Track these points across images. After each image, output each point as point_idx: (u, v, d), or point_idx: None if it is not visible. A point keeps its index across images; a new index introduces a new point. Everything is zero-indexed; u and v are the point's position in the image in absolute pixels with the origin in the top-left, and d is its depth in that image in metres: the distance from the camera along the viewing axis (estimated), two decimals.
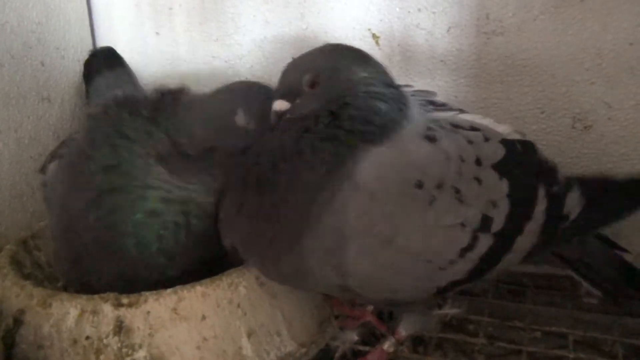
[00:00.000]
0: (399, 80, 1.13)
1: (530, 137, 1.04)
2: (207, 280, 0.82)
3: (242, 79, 1.25)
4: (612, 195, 0.86)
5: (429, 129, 0.74)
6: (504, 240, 0.75)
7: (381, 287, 0.74)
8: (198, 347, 0.79)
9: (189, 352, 0.79)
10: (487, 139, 0.77)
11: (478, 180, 0.73)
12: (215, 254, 0.83)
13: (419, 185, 0.69)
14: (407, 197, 0.69)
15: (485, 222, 0.73)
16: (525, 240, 0.78)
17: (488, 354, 0.93)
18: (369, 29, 1.14)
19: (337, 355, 0.89)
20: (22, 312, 0.80)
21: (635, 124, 1.01)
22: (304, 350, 0.86)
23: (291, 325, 0.87)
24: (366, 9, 1.13)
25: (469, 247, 0.73)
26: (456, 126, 0.76)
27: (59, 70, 1.24)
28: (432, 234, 0.70)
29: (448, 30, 1.09)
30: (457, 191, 0.71)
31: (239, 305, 0.83)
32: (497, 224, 0.74)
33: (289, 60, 1.18)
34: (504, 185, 0.75)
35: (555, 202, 0.80)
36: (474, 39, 1.07)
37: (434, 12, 1.08)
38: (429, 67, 1.11)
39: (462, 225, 0.72)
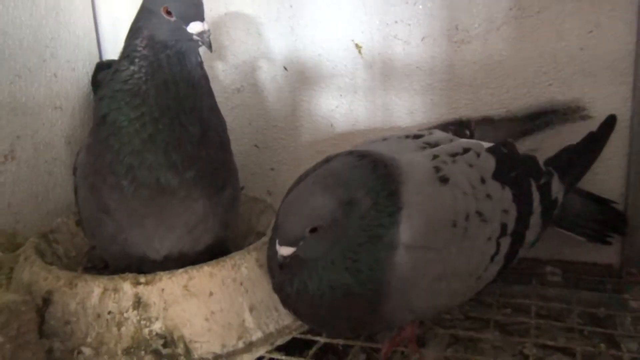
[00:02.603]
0: (380, 85, 1.22)
1: None
2: (214, 262, 0.91)
3: (238, 87, 1.33)
4: (576, 161, 0.99)
5: (437, 169, 0.82)
6: (518, 237, 0.87)
7: (440, 307, 0.87)
8: (206, 320, 0.88)
9: (198, 323, 0.87)
10: (478, 155, 0.87)
11: (489, 196, 0.83)
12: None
13: (454, 224, 0.79)
14: (447, 237, 0.79)
15: (503, 229, 0.85)
16: (532, 232, 0.90)
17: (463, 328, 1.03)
18: (353, 40, 1.22)
19: None
20: (50, 292, 0.89)
21: None
22: (299, 323, 0.94)
23: None
24: (349, 22, 1.21)
25: (496, 253, 0.84)
26: (454, 155, 0.86)
27: (70, 81, 1.31)
28: (471, 255, 0.81)
29: (422, 40, 1.17)
30: (480, 214, 0.82)
31: (241, 284, 0.92)
32: (511, 226, 0.86)
33: (281, 69, 1.29)
34: (507, 193, 0.86)
35: (545, 191, 0.91)
36: (445, 47, 1.16)
37: (409, 24, 1.17)
38: (406, 72, 1.19)
39: (489, 238, 0.83)
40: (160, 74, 0.89)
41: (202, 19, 0.88)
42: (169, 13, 0.87)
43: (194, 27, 0.87)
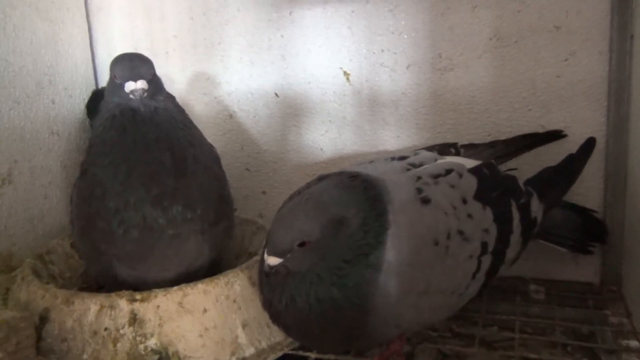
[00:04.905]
0: (367, 111, 1.26)
1: None
2: (208, 280, 0.94)
3: (231, 112, 1.37)
4: (556, 182, 1.03)
5: (419, 190, 0.84)
6: (498, 255, 0.90)
7: (424, 322, 0.89)
8: (201, 336, 0.90)
9: (193, 339, 0.89)
10: (461, 175, 0.90)
11: (470, 216, 0.86)
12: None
13: (436, 243, 0.81)
14: (429, 255, 0.81)
15: (484, 247, 0.87)
16: (512, 250, 0.93)
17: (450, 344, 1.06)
18: (341, 68, 1.27)
19: None
20: (47, 310, 0.91)
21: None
22: (290, 339, 0.96)
23: None
24: (338, 50, 1.26)
25: (477, 270, 0.87)
26: (436, 176, 0.88)
27: (67, 107, 1.34)
28: (453, 272, 0.84)
29: (408, 68, 1.22)
30: (461, 233, 0.84)
31: (234, 301, 0.94)
32: (491, 245, 0.88)
33: (272, 95, 1.34)
34: (488, 213, 0.88)
35: (525, 211, 0.94)
36: (429, 74, 1.21)
37: (395, 53, 1.22)
38: (392, 99, 1.24)
39: (470, 256, 0.85)
40: (117, 120, 0.97)
41: (135, 79, 0.97)
42: (115, 77, 0.99)
43: (127, 86, 0.97)
